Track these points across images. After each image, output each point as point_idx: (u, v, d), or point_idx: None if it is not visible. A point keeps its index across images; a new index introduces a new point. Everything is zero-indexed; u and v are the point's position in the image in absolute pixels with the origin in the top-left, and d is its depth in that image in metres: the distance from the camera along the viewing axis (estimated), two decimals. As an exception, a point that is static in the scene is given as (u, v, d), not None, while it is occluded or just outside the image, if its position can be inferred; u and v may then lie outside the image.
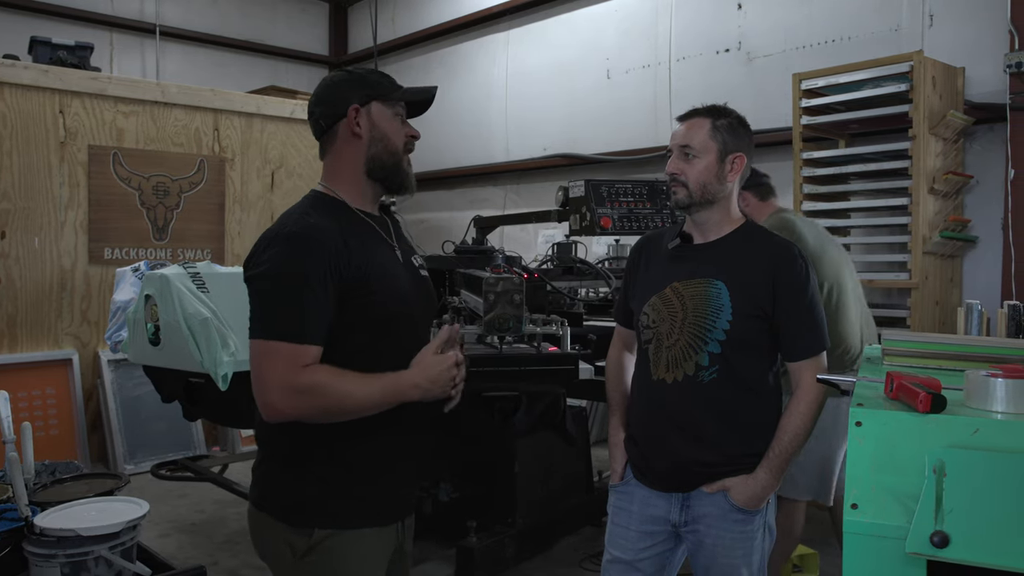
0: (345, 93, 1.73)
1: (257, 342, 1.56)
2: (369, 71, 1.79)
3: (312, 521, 1.63)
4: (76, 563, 2.71)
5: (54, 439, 5.26)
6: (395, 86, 1.78)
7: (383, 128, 1.72)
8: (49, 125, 5.32)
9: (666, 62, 6.17)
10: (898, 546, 1.09)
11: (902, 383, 1.23)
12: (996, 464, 1.07)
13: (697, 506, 2.04)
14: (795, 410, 2.00)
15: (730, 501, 2.00)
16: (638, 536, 2.11)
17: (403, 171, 1.76)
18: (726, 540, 2.01)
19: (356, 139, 1.72)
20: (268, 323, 1.56)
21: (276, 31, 8.89)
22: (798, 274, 2.01)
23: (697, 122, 2.05)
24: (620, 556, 2.13)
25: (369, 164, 1.72)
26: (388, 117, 1.74)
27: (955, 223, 4.37)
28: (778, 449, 1.98)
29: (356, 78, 1.76)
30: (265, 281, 1.59)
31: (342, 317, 1.59)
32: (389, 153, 1.73)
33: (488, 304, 2.62)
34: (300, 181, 6.41)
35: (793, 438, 1.98)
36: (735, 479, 1.99)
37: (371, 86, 1.74)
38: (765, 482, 1.98)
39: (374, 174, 1.73)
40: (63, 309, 5.42)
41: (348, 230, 1.66)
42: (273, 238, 1.62)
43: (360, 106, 1.71)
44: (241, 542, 4.08)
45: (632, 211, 3.69)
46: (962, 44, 4.54)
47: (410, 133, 1.78)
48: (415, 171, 1.83)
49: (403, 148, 1.76)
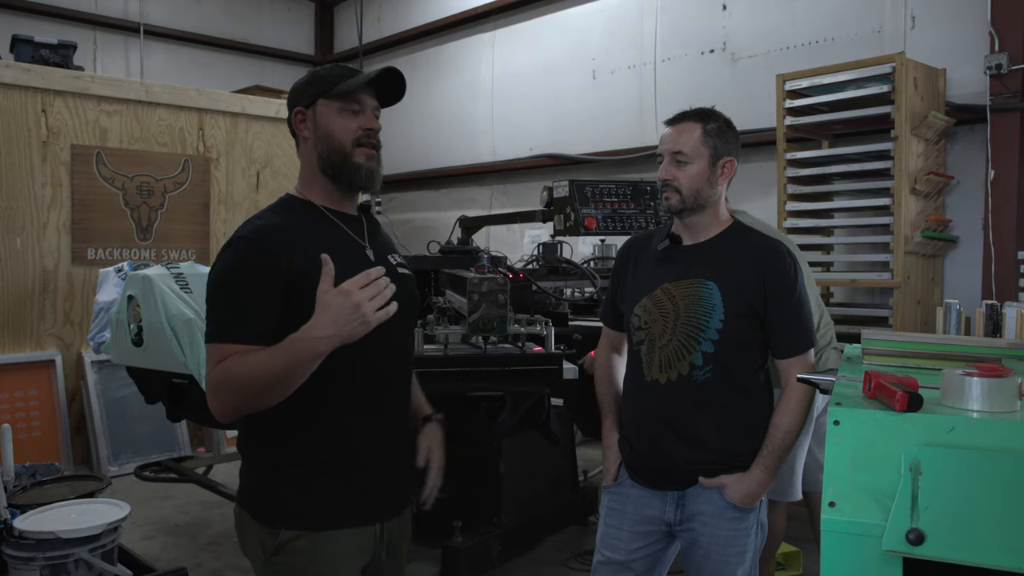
0: (297, 95, 1.74)
1: (206, 346, 1.60)
2: (327, 68, 1.75)
3: (280, 520, 1.63)
4: (56, 566, 2.68)
5: (37, 441, 5.22)
6: (342, 79, 1.70)
7: (326, 126, 1.69)
8: (31, 124, 5.27)
9: (651, 63, 6.19)
10: (875, 544, 1.09)
11: (880, 382, 1.24)
12: (971, 462, 1.08)
13: (692, 504, 2.05)
14: (786, 407, 2.03)
15: (725, 499, 2.01)
16: (631, 536, 2.12)
17: (353, 165, 1.69)
18: (721, 538, 2.02)
19: (306, 141, 1.72)
20: (209, 325, 1.60)
21: (261, 30, 8.85)
22: (787, 272, 2.03)
23: (687, 127, 2.06)
24: (612, 557, 2.14)
25: (321, 164, 1.70)
26: (332, 114, 1.69)
27: (936, 223, 4.41)
28: (772, 446, 2.01)
29: (308, 78, 1.76)
30: (210, 284, 1.63)
31: (291, 316, 1.56)
32: (335, 151, 1.69)
33: (472, 304, 2.62)
34: (285, 181, 6.38)
35: (786, 435, 2.01)
36: (731, 476, 2.01)
37: (317, 84, 1.71)
38: (760, 479, 2.00)
39: (328, 173, 1.71)
40: (46, 310, 5.37)
41: (305, 230, 1.66)
42: (226, 243, 1.66)
43: (305, 108, 1.71)
44: (225, 543, 4.06)
45: (616, 211, 3.70)
46: (943, 46, 4.58)
47: (364, 125, 1.70)
48: (402, 171, 1.81)
49: (352, 143, 1.69)
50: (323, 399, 1.63)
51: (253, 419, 1.65)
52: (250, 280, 1.58)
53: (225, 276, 1.61)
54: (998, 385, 1.18)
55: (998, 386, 1.18)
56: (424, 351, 2.78)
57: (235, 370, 1.52)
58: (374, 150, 1.72)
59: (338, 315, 1.46)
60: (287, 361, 1.49)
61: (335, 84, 1.70)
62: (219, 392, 1.56)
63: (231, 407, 1.56)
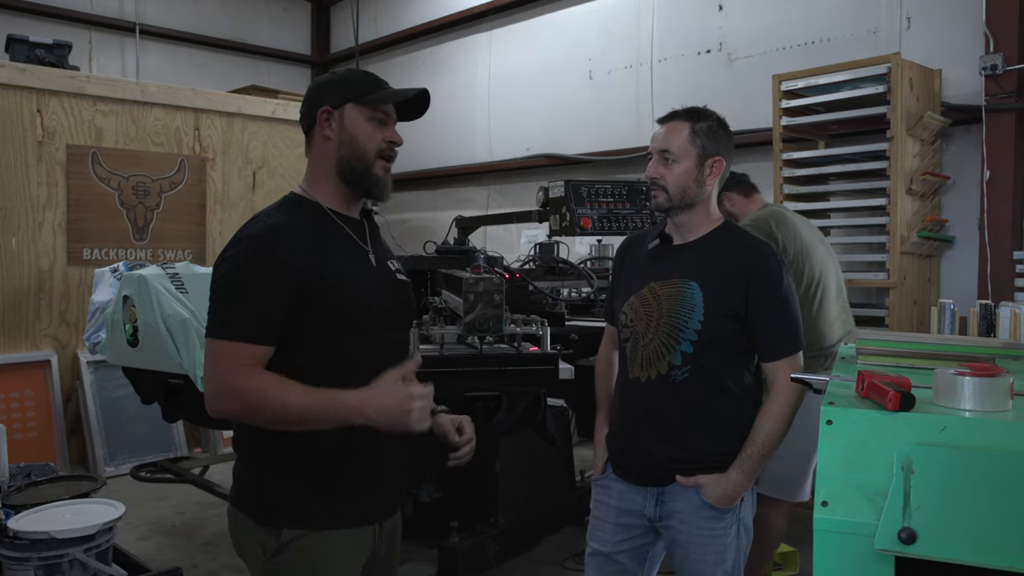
0: (322, 95, 1.72)
1: (206, 340, 1.59)
2: (356, 72, 1.77)
3: (281, 521, 1.63)
4: (50, 566, 2.68)
5: (33, 441, 5.21)
6: (373, 88, 1.72)
7: (352, 131, 1.69)
8: (27, 124, 5.26)
9: (648, 63, 6.20)
10: (867, 543, 1.09)
11: (872, 382, 1.25)
12: (963, 461, 1.08)
13: (671, 501, 2.06)
14: (769, 411, 2.02)
15: (702, 498, 2.02)
16: (615, 529, 2.15)
17: (373, 176, 1.71)
18: (697, 537, 2.03)
19: (327, 141, 1.71)
20: (213, 322, 1.58)
21: (258, 30, 8.84)
22: (771, 274, 2.02)
23: (676, 125, 2.07)
24: (599, 548, 2.18)
25: (339, 167, 1.70)
26: (361, 120, 1.69)
27: (932, 223, 4.42)
28: (751, 449, 2.00)
29: (337, 79, 1.75)
30: (217, 281, 1.61)
31: (296, 317, 1.58)
32: (358, 158, 1.69)
33: (468, 304, 2.63)
34: (282, 181, 6.38)
35: (767, 439, 2.00)
36: (708, 477, 2.01)
37: (348, 87, 1.71)
38: (737, 482, 2.00)
39: (345, 177, 1.71)
40: (41, 310, 5.36)
41: (314, 232, 1.66)
42: (233, 240, 1.64)
43: (332, 108, 1.70)
44: (221, 544, 4.06)
45: (612, 211, 3.70)
46: (939, 46, 4.59)
47: (388, 139, 1.72)
48: (398, 171, 1.81)
49: (375, 153, 1.70)
50: None
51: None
52: (260, 280, 1.57)
53: (235, 274, 1.59)
54: (990, 385, 1.19)
55: (990, 386, 1.19)
56: (420, 351, 2.78)
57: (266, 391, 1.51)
58: (390, 163, 1.74)
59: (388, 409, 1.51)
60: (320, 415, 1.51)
61: (367, 91, 1.71)
62: (234, 397, 1.54)
63: (237, 413, 1.57)
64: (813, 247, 3.07)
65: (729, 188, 3.21)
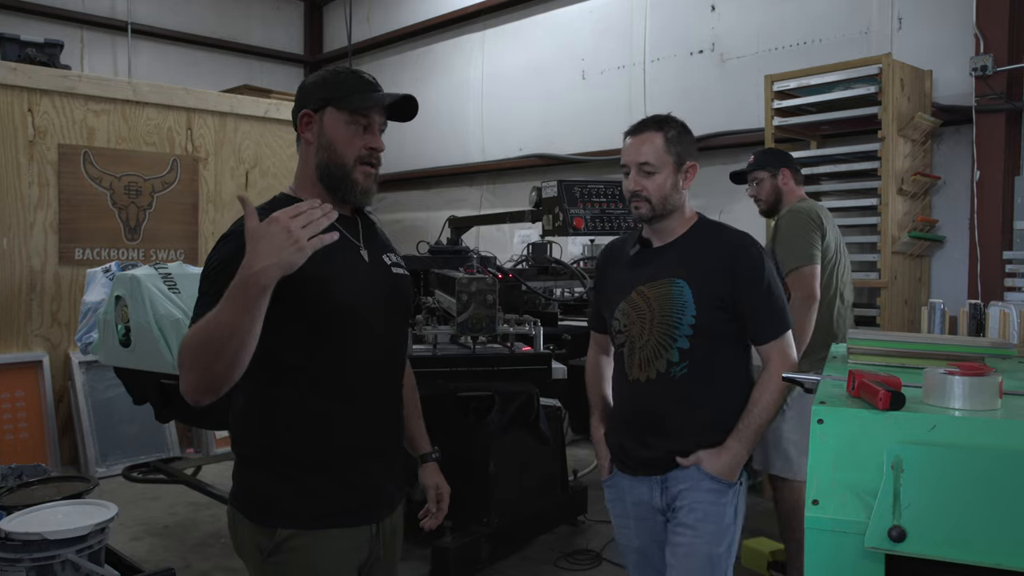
0: (307, 96, 1.69)
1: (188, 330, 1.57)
2: (343, 73, 1.71)
3: (276, 520, 1.62)
4: (42, 567, 2.68)
5: (24, 442, 5.19)
6: (357, 90, 1.66)
7: (331, 136, 1.65)
8: (17, 124, 5.24)
9: (640, 63, 6.21)
10: (858, 541, 1.10)
11: (863, 381, 1.26)
12: (952, 459, 1.09)
13: (674, 485, 2.10)
14: (765, 385, 2.08)
15: (703, 472, 2.06)
16: (637, 524, 2.21)
17: (351, 182, 1.66)
18: (699, 512, 2.06)
19: (308, 145, 1.69)
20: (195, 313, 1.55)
21: (251, 30, 8.82)
22: (753, 262, 2.08)
23: (648, 136, 2.11)
24: (629, 544, 2.25)
25: (319, 171, 1.67)
26: (340, 124, 1.65)
27: (923, 223, 4.44)
28: (748, 420, 2.06)
29: (322, 80, 1.71)
30: (202, 275, 1.61)
31: (286, 313, 1.55)
32: (336, 163, 1.65)
33: (461, 305, 2.64)
34: (274, 181, 6.36)
35: (763, 410, 2.06)
36: (707, 451, 2.06)
37: (329, 89, 1.66)
38: (735, 451, 2.05)
39: (324, 181, 1.68)
40: (32, 310, 5.34)
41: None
42: (222, 237, 1.64)
43: (313, 111, 1.67)
44: (214, 545, 4.05)
45: (605, 211, 3.71)
46: (930, 47, 4.61)
47: (369, 145, 1.66)
48: (391, 171, 1.79)
49: (354, 159, 1.65)
50: (316, 399, 1.63)
51: (246, 418, 1.65)
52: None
53: (218, 266, 1.57)
54: (979, 384, 1.20)
55: (979, 385, 1.20)
56: (413, 351, 2.78)
57: (189, 336, 1.45)
58: (373, 169, 1.69)
59: (271, 243, 1.39)
60: (234, 306, 1.40)
61: (348, 94, 1.65)
62: (182, 366, 1.47)
63: (199, 380, 1.46)
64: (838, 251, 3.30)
65: (789, 165, 3.42)
